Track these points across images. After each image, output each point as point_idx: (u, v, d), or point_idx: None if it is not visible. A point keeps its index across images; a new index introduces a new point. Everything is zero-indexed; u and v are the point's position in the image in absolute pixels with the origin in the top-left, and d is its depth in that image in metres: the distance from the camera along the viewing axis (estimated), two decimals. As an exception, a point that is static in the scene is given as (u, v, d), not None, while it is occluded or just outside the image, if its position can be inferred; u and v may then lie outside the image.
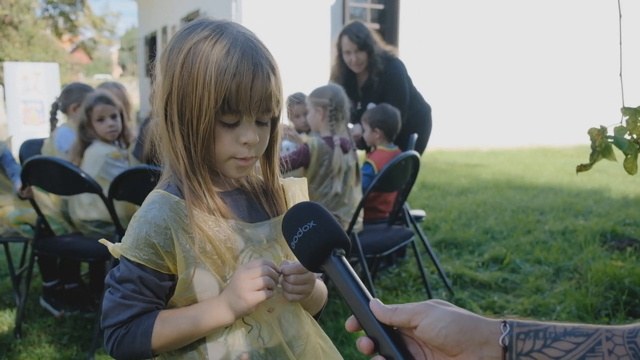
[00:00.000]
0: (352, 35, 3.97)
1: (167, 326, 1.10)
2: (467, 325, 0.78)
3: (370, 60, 3.99)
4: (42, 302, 3.41)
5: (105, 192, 2.90)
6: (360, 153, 3.91)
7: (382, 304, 0.84)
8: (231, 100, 1.06)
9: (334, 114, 3.14)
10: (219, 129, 1.09)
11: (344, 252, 0.94)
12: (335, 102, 3.15)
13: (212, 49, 1.06)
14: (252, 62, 1.07)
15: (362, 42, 3.95)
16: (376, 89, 4.05)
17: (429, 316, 0.79)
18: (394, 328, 0.84)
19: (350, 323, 0.89)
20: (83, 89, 3.79)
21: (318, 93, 3.22)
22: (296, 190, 1.27)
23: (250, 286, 1.07)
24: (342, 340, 2.97)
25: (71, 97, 3.71)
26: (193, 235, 1.09)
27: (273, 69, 1.11)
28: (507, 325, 0.77)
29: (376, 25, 10.76)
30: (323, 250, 0.93)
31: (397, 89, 4.02)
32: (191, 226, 1.09)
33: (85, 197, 3.18)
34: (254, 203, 1.21)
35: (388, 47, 4.16)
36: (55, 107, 3.79)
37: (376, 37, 4.07)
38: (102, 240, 1.18)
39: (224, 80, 1.05)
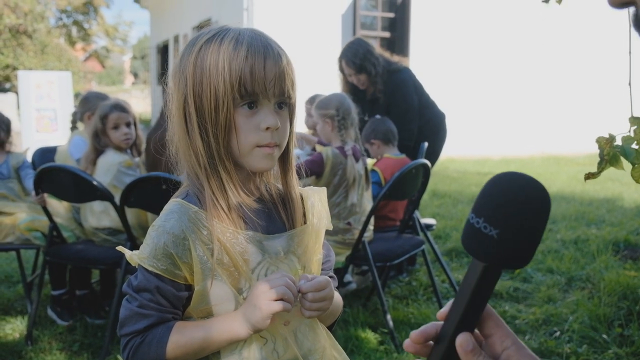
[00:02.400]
0: (349, 60, 4.03)
1: (182, 337, 1.10)
2: None
3: (371, 79, 4.03)
4: (49, 312, 3.42)
5: (117, 199, 2.92)
6: (370, 161, 3.91)
7: (473, 341, 0.72)
8: (246, 83, 1.07)
9: (342, 123, 3.15)
10: (239, 118, 1.10)
11: (500, 273, 0.74)
12: (342, 111, 3.15)
13: (221, 44, 1.09)
14: (262, 44, 1.10)
15: (359, 67, 4.01)
16: (382, 103, 4.07)
17: None
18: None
19: (416, 336, 0.77)
20: (99, 97, 3.84)
21: (323, 105, 3.22)
22: (315, 199, 1.26)
23: (267, 296, 1.06)
24: (352, 349, 2.96)
25: (86, 106, 3.77)
26: (211, 246, 1.09)
27: (283, 51, 1.13)
28: None
29: (387, 34, 10.77)
30: (513, 258, 0.71)
31: (401, 100, 4.04)
32: (211, 238, 1.09)
33: (97, 205, 3.20)
34: (272, 213, 1.20)
35: (395, 58, 4.17)
36: (75, 116, 3.84)
37: (378, 52, 4.08)
38: (120, 248, 1.18)
39: (237, 64, 1.07)
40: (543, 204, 0.68)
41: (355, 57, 4.00)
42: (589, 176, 1.53)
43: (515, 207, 0.68)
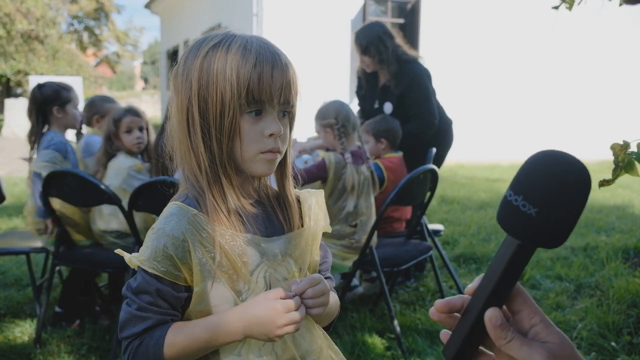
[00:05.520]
0: (356, 38, 4.03)
1: (178, 337, 1.10)
2: None
3: (379, 64, 3.98)
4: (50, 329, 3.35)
5: (126, 203, 2.93)
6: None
7: (502, 316, 0.72)
8: (254, 90, 1.08)
9: (343, 130, 3.16)
10: (244, 124, 1.11)
11: (533, 250, 0.72)
12: (341, 119, 3.16)
13: (229, 50, 1.10)
14: (270, 52, 1.11)
15: (364, 48, 3.98)
16: (393, 91, 4.02)
17: None
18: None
19: (441, 304, 0.78)
20: (105, 100, 3.87)
21: (322, 115, 3.23)
22: (312, 202, 1.27)
23: (281, 322, 1.07)
24: (358, 354, 2.96)
25: (93, 109, 3.79)
26: (210, 248, 1.10)
27: (288, 59, 1.14)
28: None
29: (396, 40, 10.79)
30: (535, 241, 0.70)
31: (416, 90, 3.96)
32: (212, 241, 1.10)
33: (105, 208, 3.21)
34: (271, 215, 1.22)
35: (412, 52, 4.13)
36: (80, 122, 3.86)
37: (397, 42, 4.03)
38: (118, 251, 1.18)
39: (246, 71, 1.07)
40: (584, 185, 0.68)
41: (364, 37, 3.98)
42: (604, 183, 1.52)
43: (556, 186, 0.67)
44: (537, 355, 0.70)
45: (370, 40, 3.96)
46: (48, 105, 3.35)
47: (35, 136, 3.34)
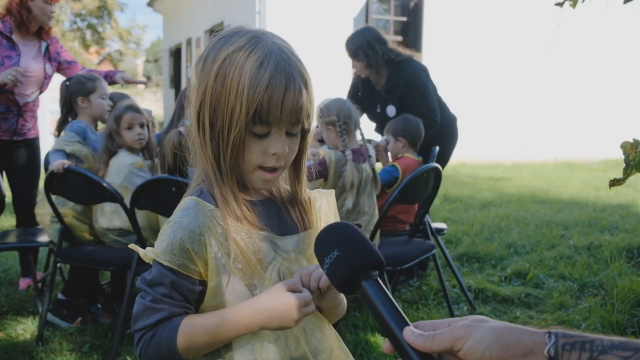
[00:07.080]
0: (346, 43, 4.03)
1: (192, 328, 1.10)
2: (509, 339, 0.76)
3: (368, 69, 3.97)
4: (49, 316, 3.29)
5: (128, 200, 2.93)
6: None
7: (418, 331, 0.81)
8: (262, 112, 1.07)
9: (344, 128, 3.15)
10: (249, 139, 1.11)
11: (376, 273, 0.91)
12: (343, 116, 3.15)
13: (247, 60, 1.07)
14: (285, 75, 1.08)
15: (352, 52, 3.98)
16: (387, 92, 4.00)
17: (471, 339, 0.78)
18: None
19: (387, 346, 0.87)
20: (122, 97, 3.85)
21: (324, 113, 3.22)
22: (323, 202, 1.27)
23: (302, 315, 1.08)
24: (361, 353, 2.95)
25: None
26: (225, 244, 1.10)
27: (305, 83, 1.11)
28: (552, 335, 0.74)
29: (399, 37, 10.77)
30: (351, 278, 0.90)
31: (415, 89, 3.93)
32: (227, 237, 1.10)
33: (108, 205, 3.20)
34: (283, 213, 1.22)
35: (408, 52, 4.11)
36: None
37: (387, 46, 3.99)
38: (132, 246, 1.19)
39: (256, 92, 1.06)
40: (337, 229, 0.98)
41: (352, 42, 3.98)
42: (614, 183, 1.51)
43: (331, 235, 0.96)
44: (458, 329, 0.78)
45: (359, 45, 3.94)
46: (73, 96, 3.45)
47: (60, 126, 3.50)
